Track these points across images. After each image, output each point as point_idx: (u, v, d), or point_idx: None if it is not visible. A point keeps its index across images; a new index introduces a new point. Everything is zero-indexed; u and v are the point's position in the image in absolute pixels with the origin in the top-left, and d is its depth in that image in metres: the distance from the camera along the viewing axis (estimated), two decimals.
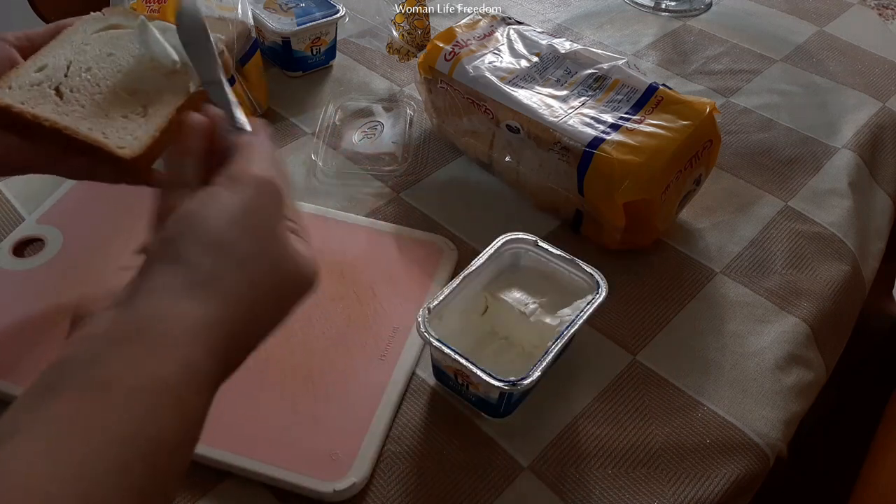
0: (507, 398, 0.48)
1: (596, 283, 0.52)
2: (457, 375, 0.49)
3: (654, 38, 0.94)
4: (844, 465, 0.73)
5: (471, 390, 0.49)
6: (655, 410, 0.52)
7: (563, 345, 0.48)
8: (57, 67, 0.48)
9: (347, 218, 0.65)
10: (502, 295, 0.53)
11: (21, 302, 0.56)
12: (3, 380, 0.51)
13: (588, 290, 0.52)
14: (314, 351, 0.54)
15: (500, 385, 0.45)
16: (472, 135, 0.69)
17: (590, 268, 0.53)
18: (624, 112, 0.61)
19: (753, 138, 0.78)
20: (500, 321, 0.52)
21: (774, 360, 0.56)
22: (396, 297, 0.58)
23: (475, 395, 0.49)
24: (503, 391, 0.46)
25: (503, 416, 0.50)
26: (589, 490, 0.47)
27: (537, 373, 0.46)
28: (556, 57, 0.67)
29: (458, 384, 0.50)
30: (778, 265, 0.64)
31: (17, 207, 0.65)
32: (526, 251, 0.55)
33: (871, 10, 1.04)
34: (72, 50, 0.49)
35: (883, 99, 0.85)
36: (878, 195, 0.76)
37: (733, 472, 0.49)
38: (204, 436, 0.48)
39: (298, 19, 0.80)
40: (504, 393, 0.47)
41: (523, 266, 0.55)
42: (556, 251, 0.54)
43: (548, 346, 0.47)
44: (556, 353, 0.47)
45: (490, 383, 0.46)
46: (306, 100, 0.81)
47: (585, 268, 0.53)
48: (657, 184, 0.58)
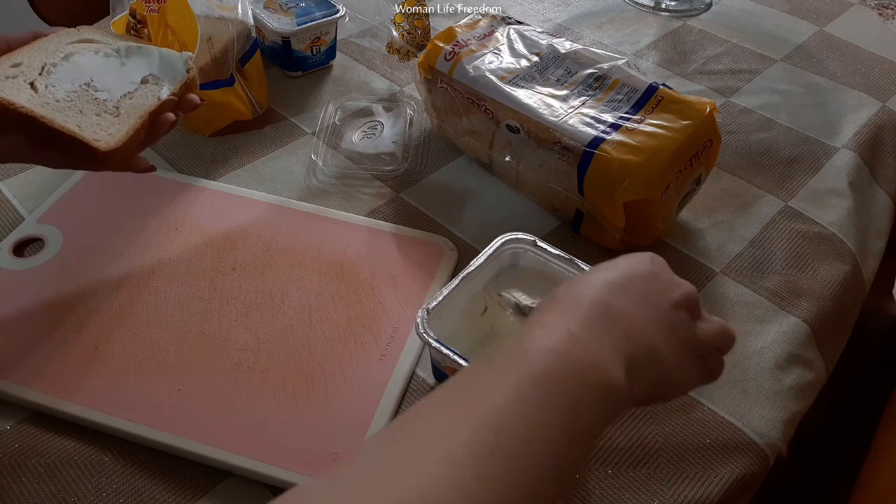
0: None
1: None
2: None
3: (654, 38, 0.94)
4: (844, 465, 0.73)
5: None
6: (655, 410, 0.52)
7: None
8: (31, 66, 0.50)
9: (347, 218, 0.65)
10: (502, 295, 0.53)
11: (21, 302, 0.56)
12: (3, 380, 0.51)
13: None
14: (314, 351, 0.54)
15: None
16: (472, 135, 0.69)
17: (589, 267, 0.53)
18: (624, 112, 0.61)
19: (753, 138, 0.78)
20: (500, 321, 0.52)
21: (774, 360, 0.56)
22: (396, 297, 0.58)
23: None
24: None
25: None
26: (589, 490, 0.47)
27: None
28: (556, 57, 0.67)
29: None
30: (778, 265, 0.64)
31: (17, 207, 0.65)
32: (525, 251, 0.55)
33: (871, 9, 1.04)
34: (45, 55, 0.52)
35: (883, 99, 0.84)
36: (878, 195, 0.76)
37: (733, 471, 0.49)
38: (204, 436, 0.48)
39: (298, 19, 0.80)
40: None
41: (523, 266, 0.55)
42: (556, 251, 0.54)
43: None
44: None
45: None
46: (306, 100, 0.81)
47: (585, 267, 0.53)
48: (657, 183, 0.58)
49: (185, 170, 0.70)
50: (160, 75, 0.54)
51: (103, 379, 0.51)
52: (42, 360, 0.52)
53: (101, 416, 0.49)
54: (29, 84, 0.49)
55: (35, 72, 0.50)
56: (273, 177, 0.70)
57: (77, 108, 0.49)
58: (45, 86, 0.49)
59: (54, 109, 0.48)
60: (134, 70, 0.53)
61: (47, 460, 0.47)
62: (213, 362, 0.52)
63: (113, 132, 0.48)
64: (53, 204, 0.65)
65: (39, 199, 0.65)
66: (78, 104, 0.49)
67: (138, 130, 0.50)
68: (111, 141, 0.48)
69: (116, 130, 0.49)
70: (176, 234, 0.62)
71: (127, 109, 0.51)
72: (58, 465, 0.47)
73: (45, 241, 0.61)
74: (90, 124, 0.48)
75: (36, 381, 0.51)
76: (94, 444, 0.48)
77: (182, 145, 0.73)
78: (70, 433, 0.49)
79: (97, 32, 0.56)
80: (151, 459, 0.48)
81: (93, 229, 0.63)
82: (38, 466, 0.47)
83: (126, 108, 0.51)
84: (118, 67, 0.53)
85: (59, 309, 0.56)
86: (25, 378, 0.51)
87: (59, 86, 0.50)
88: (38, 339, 0.53)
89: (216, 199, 0.67)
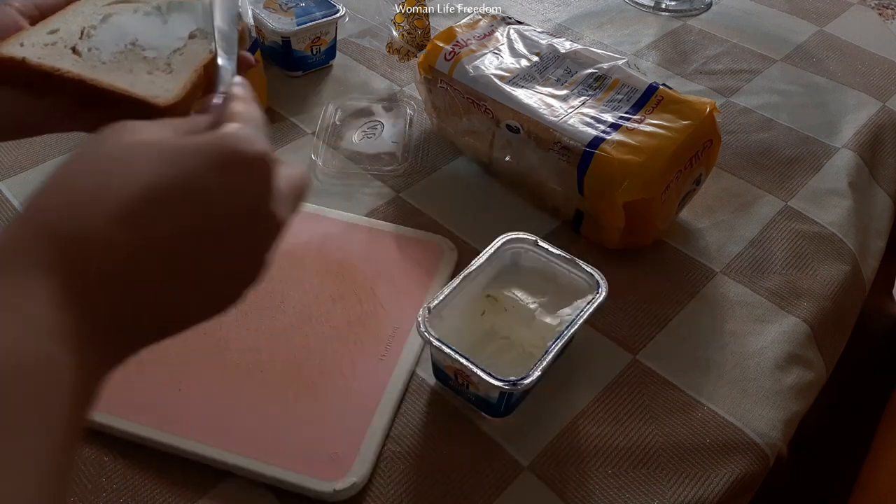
0: (507, 398, 0.48)
1: (596, 282, 0.52)
2: (457, 375, 0.49)
3: (654, 38, 0.94)
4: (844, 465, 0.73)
5: (471, 390, 0.49)
6: (655, 410, 0.52)
7: (563, 345, 0.48)
8: (70, 31, 0.48)
9: (347, 217, 0.65)
10: (502, 295, 0.53)
11: None
12: None
13: (588, 290, 0.52)
14: (314, 351, 0.54)
15: (500, 385, 0.45)
16: (472, 134, 0.69)
17: (589, 267, 0.53)
18: (624, 112, 0.61)
19: (753, 138, 0.78)
20: (500, 321, 0.52)
21: (774, 360, 0.56)
22: (396, 296, 0.58)
23: (475, 394, 0.49)
24: (503, 391, 0.46)
25: (503, 415, 0.50)
26: (589, 490, 0.47)
27: (537, 373, 0.46)
28: (556, 57, 0.67)
29: (458, 384, 0.50)
30: (778, 265, 0.64)
31: (17, 207, 0.65)
32: (526, 251, 0.55)
33: (871, 9, 1.04)
34: (83, 18, 0.50)
35: (883, 99, 0.84)
36: (878, 195, 0.76)
37: (733, 471, 0.49)
38: (204, 435, 0.48)
39: (298, 19, 0.80)
40: (504, 393, 0.47)
41: (523, 266, 0.55)
42: (557, 251, 0.54)
43: (548, 346, 0.47)
44: (556, 352, 0.47)
45: (490, 383, 0.46)
46: (306, 99, 0.81)
47: (585, 267, 0.53)
48: (657, 183, 0.58)
49: None
50: (206, 29, 0.51)
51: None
52: None
53: (102, 416, 0.49)
54: (71, 49, 0.47)
55: (75, 36, 0.48)
56: None
57: (126, 68, 0.47)
58: (88, 49, 0.47)
59: (103, 71, 0.46)
60: (179, 26, 0.51)
61: None
62: (213, 362, 0.52)
63: (169, 88, 0.47)
64: None
65: None
66: (126, 64, 0.48)
67: (196, 84, 0.48)
68: (169, 97, 0.46)
69: (173, 86, 0.47)
70: None
71: (179, 65, 0.49)
72: None
73: None
74: (143, 83, 0.47)
75: None
76: (94, 444, 0.48)
77: None
78: None
79: None
80: (151, 459, 0.48)
81: None
82: None
83: (178, 63, 0.49)
84: (161, 25, 0.51)
85: None
86: None
87: (102, 48, 0.48)
88: None
89: None
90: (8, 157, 0.70)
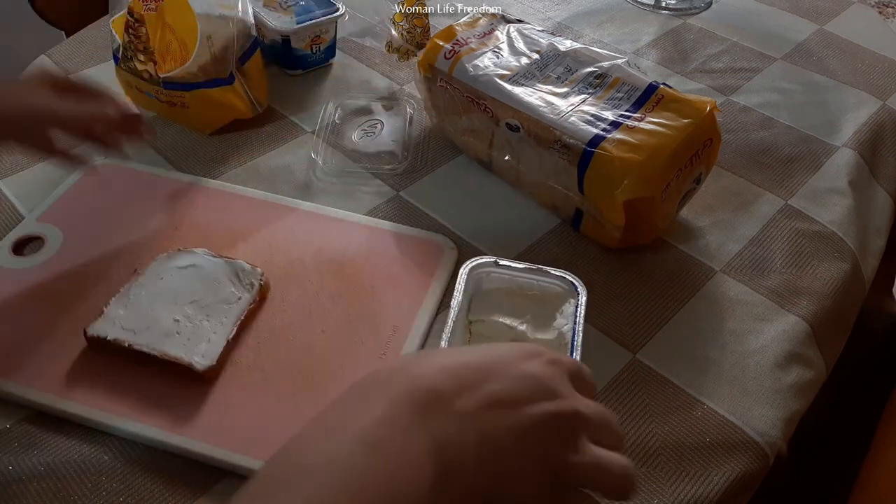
0: None
1: (571, 284, 0.51)
2: None
3: (655, 37, 0.94)
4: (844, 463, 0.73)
5: None
6: (655, 409, 0.52)
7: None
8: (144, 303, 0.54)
9: (347, 216, 0.65)
10: (484, 321, 0.52)
11: (21, 301, 0.56)
12: (4, 378, 0.51)
13: (566, 294, 0.52)
14: (314, 350, 0.54)
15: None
16: (472, 133, 0.69)
17: (559, 271, 0.52)
18: (624, 110, 0.61)
19: (753, 137, 0.78)
20: None
21: (774, 359, 0.56)
22: (396, 295, 0.58)
23: None
24: None
25: None
26: None
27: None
28: (556, 55, 0.67)
29: None
30: (778, 263, 0.64)
31: (16, 206, 0.65)
32: (488, 273, 0.53)
33: (871, 8, 1.04)
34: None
35: (883, 97, 0.84)
36: (878, 193, 0.76)
37: (733, 470, 0.49)
38: (204, 435, 0.48)
39: (298, 18, 0.80)
40: None
41: (486, 288, 0.54)
42: (520, 264, 0.52)
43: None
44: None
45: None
46: (306, 98, 0.80)
47: (555, 272, 0.52)
48: (657, 182, 0.58)
49: (185, 168, 0.70)
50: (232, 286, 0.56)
51: (103, 378, 0.51)
52: (42, 360, 0.52)
53: (102, 416, 0.49)
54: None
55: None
56: (273, 175, 0.70)
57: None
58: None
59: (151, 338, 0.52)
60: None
61: (47, 460, 0.47)
62: None
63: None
64: (53, 203, 0.65)
65: (39, 197, 0.65)
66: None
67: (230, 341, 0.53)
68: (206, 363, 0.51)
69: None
70: (176, 233, 0.62)
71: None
72: (58, 464, 0.47)
73: (45, 239, 0.61)
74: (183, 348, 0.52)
75: (36, 380, 0.51)
76: (94, 444, 0.48)
77: (182, 144, 0.73)
78: (70, 433, 0.49)
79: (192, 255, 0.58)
80: (151, 459, 0.48)
81: (92, 228, 0.63)
82: (38, 466, 0.47)
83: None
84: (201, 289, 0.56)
85: (58, 308, 0.56)
86: (25, 377, 0.51)
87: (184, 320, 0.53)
88: (37, 338, 0.53)
89: (216, 197, 0.67)
90: (8, 156, 0.70)
